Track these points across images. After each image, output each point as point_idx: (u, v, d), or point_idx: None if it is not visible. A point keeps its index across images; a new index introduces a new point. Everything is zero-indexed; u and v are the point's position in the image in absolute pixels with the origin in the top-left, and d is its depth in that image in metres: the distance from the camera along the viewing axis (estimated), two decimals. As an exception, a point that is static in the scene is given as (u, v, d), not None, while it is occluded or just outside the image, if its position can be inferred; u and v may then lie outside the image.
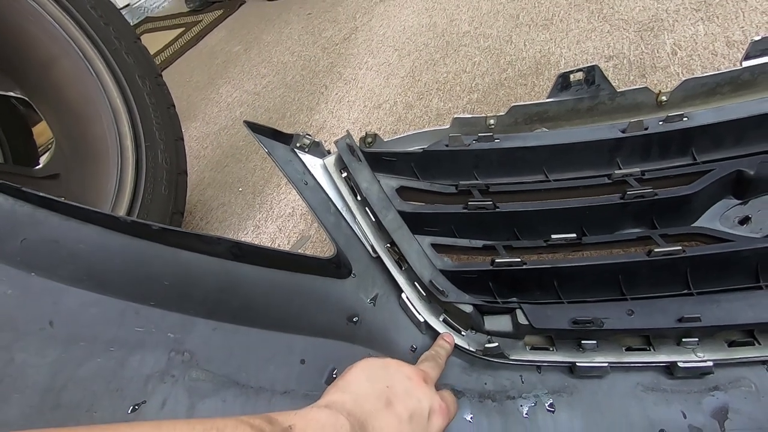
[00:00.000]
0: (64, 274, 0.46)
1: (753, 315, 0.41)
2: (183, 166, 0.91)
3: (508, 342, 0.48)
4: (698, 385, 0.43)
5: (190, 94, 1.76)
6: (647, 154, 0.55)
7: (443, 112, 1.10)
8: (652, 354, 0.44)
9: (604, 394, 0.45)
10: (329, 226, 0.54)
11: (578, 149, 0.54)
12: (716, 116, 0.52)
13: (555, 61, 1.06)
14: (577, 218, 0.53)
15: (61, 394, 0.43)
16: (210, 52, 2.02)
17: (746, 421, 0.41)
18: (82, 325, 0.46)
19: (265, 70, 1.66)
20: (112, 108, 0.83)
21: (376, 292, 0.53)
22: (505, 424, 0.45)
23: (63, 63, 0.84)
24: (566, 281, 0.49)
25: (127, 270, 0.48)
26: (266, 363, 0.48)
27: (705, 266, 0.46)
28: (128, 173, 0.80)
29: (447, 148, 0.55)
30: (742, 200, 0.52)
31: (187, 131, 1.53)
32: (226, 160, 1.33)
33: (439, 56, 1.27)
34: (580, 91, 0.57)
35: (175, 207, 0.85)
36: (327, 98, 1.35)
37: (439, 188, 0.57)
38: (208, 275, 0.49)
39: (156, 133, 0.86)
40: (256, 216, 1.08)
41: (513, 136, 0.56)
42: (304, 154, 0.56)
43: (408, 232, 0.51)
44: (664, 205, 0.51)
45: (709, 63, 0.89)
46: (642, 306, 0.45)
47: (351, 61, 1.45)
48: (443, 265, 0.50)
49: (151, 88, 0.88)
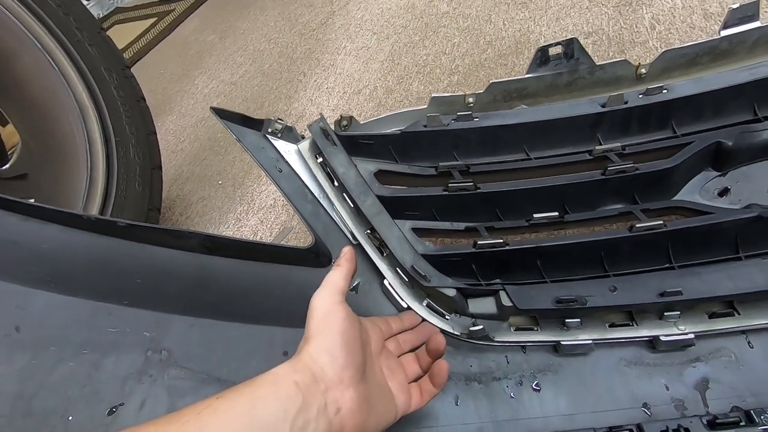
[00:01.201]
0: (28, 277, 0.44)
1: (733, 286, 0.42)
2: (157, 161, 0.88)
3: (493, 324, 0.47)
4: (680, 358, 0.44)
5: (165, 86, 1.71)
6: (628, 129, 0.54)
7: (424, 95, 1.08)
8: (634, 329, 0.44)
9: (589, 371, 0.45)
10: (306, 215, 0.52)
11: (558, 125, 0.53)
12: (695, 87, 0.51)
13: (534, 39, 1.05)
14: (558, 196, 0.52)
15: (33, 401, 0.42)
16: (184, 42, 1.96)
17: (727, 390, 0.41)
18: (50, 329, 0.44)
19: (241, 59, 1.62)
20: (78, 103, 0.79)
21: (357, 280, 0.52)
22: (492, 405, 0.45)
23: (23, 58, 0.80)
24: (549, 260, 0.49)
25: (95, 269, 0.46)
26: (247, 357, 0.47)
27: (686, 239, 0.46)
28: (99, 170, 0.77)
29: (425, 128, 0.54)
30: (721, 172, 0.52)
31: (163, 125, 1.49)
32: (205, 153, 1.29)
33: (418, 38, 1.25)
34: (559, 66, 0.56)
35: (151, 203, 0.83)
36: (306, 85, 1.32)
37: (419, 170, 0.56)
38: (182, 270, 0.48)
39: (126, 127, 0.83)
40: (237, 209, 1.06)
41: (492, 114, 0.54)
42: (277, 140, 0.54)
43: (388, 218, 0.49)
44: (644, 180, 0.50)
45: (687, 36, 0.88)
46: (624, 282, 0.44)
47: (329, 46, 1.42)
48: (425, 250, 0.49)
49: (119, 81, 0.84)
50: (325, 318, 0.36)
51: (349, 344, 0.35)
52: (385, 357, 0.42)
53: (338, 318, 0.35)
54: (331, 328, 0.35)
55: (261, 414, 0.30)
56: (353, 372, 0.34)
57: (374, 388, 0.37)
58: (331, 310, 0.36)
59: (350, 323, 0.36)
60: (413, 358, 0.44)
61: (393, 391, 0.40)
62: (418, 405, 0.41)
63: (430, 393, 0.41)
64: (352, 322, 0.36)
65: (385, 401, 0.38)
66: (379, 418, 0.36)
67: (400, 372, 0.42)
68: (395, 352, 0.44)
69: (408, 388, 0.41)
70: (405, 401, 0.40)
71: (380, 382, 0.39)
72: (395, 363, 0.42)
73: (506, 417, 0.44)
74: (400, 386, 0.40)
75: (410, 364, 0.43)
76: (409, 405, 0.40)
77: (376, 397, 0.37)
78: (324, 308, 0.36)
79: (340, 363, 0.34)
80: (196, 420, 0.28)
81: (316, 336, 0.35)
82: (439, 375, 0.41)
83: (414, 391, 0.41)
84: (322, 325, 0.35)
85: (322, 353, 0.34)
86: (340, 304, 0.36)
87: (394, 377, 0.41)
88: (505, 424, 0.43)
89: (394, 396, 0.39)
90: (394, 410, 0.39)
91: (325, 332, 0.35)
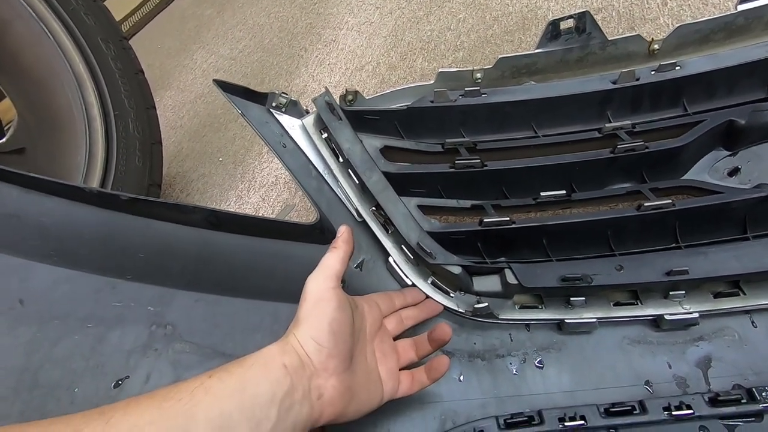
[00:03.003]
0: (30, 250, 0.44)
1: (739, 266, 0.41)
2: (157, 136, 0.87)
3: (497, 302, 0.47)
4: (683, 337, 0.44)
5: (163, 61, 1.67)
6: (638, 106, 0.53)
7: (428, 72, 1.06)
8: (639, 308, 0.44)
9: (592, 349, 0.45)
10: (311, 191, 0.52)
11: (568, 102, 0.52)
12: (709, 64, 0.50)
13: (542, 15, 1.02)
14: (566, 174, 0.51)
15: (38, 374, 0.42)
16: (181, 15, 1.91)
17: (729, 368, 0.42)
18: (54, 303, 0.44)
19: (240, 34, 1.58)
20: (74, 74, 0.77)
21: (362, 257, 0.51)
22: (495, 381, 0.45)
23: (16, 26, 0.78)
24: (555, 239, 0.49)
25: (98, 243, 0.45)
26: (252, 332, 0.47)
27: (694, 219, 0.46)
28: (98, 145, 0.76)
29: (432, 104, 0.53)
30: (731, 151, 0.51)
31: (161, 100, 1.46)
32: (204, 130, 1.27)
33: (422, 13, 1.21)
34: (570, 41, 0.54)
35: (151, 179, 0.82)
36: (307, 61, 1.29)
37: (425, 147, 0.55)
38: (186, 245, 0.47)
39: (125, 101, 0.81)
40: (238, 186, 1.05)
41: (500, 90, 0.53)
42: (281, 115, 0.53)
43: (393, 194, 0.49)
44: (654, 159, 0.49)
45: (700, 13, 0.86)
46: (630, 261, 0.44)
47: (330, 21, 1.38)
48: (430, 227, 0.49)
49: (116, 53, 0.82)
50: (316, 304, 0.36)
51: (338, 334, 0.35)
52: (380, 340, 0.42)
53: (330, 306, 0.35)
54: (320, 316, 0.35)
55: (251, 395, 0.30)
56: (338, 362, 0.35)
57: (360, 375, 0.37)
58: (323, 296, 0.36)
59: (341, 312, 0.36)
60: (411, 344, 0.43)
61: (382, 375, 0.40)
62: (405, 393, 0.41)
63: (420, 384, 0.41)
64: (343, 310, 0.36)
65: (371, 387, 0.38)
66: (360, 405, 0.37)
67: (393, 357, 0.41)
68: (396, 329, 0.44)
69: (398, 374, 0.41)
70: (392, 387, 0.40)
71: (369, 368, 0.39)
72: (389, 347, 0.42)
73: (509, 393, 0.44)
74: (390, 372, 0.40)
75: (406, 351, 0.43)
76: (396, 391, 0.40)
77: (361, 384, 0.37)
78: (317, 293, 0.36)
79: (326, 353, 0.34)
80: (189, 398, 0.29)
81: (306, 321, 0.35)
82: (437, 370, 0.41)
83: (405, 378, 0.41)
84: (313, 310, 0.35)
85: (309, 340, 0.34)
86: (333, 290, 0.36)
87: (385, 362, 0.41)
88: (507, 400, 0.44)
89: (382, 381, 0.39)
90: (379, 396, 0.39)
91: (315, 319, 0.35)
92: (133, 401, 0.29)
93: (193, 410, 0.28)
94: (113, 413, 0.28)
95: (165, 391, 0.30)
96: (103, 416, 0.27)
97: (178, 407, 0.28)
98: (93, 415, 0.27)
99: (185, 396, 0.29)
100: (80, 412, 0.28)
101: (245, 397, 0.30)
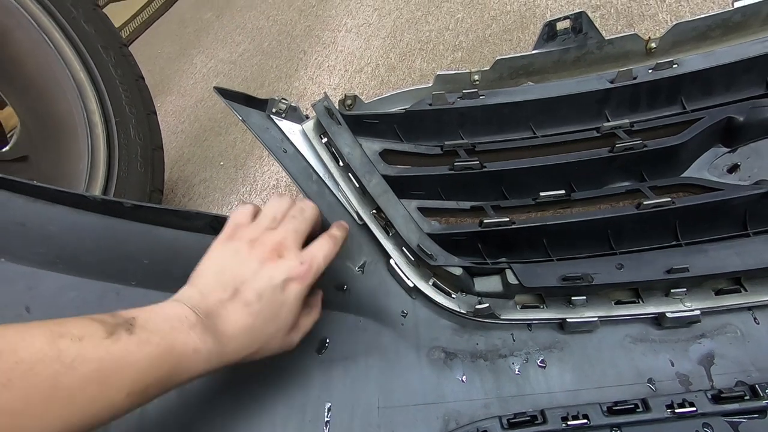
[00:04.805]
0: (36, 258, 0.44)
1: (740, 262, 0.41)
2: (158, 141, 0.87)
3: (499, 302, 0.48)
4: (685, 334, 0.44)
5: (163, 66, 1.68)
6: (636, 105, 0.53)
7: (427, 72, 1.06)
8: (640, 306, 0.44)
9: (594, 348, 0.45)
10: (312, 195, 0.52)
11: (566, 102, 0.53)
12: (706, 61, 0.50)
13: (540, 13, 1.02)
14: (565, 174, 0.52)
15: (46, 380, 0.42)
16: (180, 20, 1.92)
17: (732, 365, 0.42)
18: (60, 309, 0.44)
19: (239, 38, 1.58)
20: (75, 82, 0.78)
21: (363, 260, 0.52)
22: (498, 382, 0.45)
23: (17, 35, 0.78)
24: (555, 238, 0.49)
25: (103, 250, 0.46)
26: (256, 336, 0.48)
27: (694, 216, 0.46)
28: (100, 151, 0.77)
29: (430, 107, 0.53)
30: (730, 148, 0.51)
31: (162, 106, 1.47)
32: (205, 134, 1.28)
33: (420, 14, 1.22)
34: (567, 41, 0.55)
35: (153, 184, 0.82)
36: (306, 64, 1.30)
37: (424, 150, 0.55)
38: (189, 251, 0.47)
39: (126, 107, 0.82)
40: (239, 190, 1.06)
41: (498, 92, 0.53)
42: (281, 120, 0.53)
43: (393, 197, 0.49)
44: (653, 157, 0.50)
45: (699, 9, 0.86)
46: (631, 259, 0.44)
47: (329, 23, 1.39)
48: (431, 229, 0.49)
49: (116, 59, 0.83)
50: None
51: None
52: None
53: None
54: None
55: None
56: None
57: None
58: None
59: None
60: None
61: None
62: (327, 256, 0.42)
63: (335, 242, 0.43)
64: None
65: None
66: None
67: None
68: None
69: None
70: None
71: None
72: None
73: (512, 393, 0.45)
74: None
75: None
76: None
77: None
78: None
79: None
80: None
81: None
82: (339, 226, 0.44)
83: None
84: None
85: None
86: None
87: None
88: (510, 400, 0.44)
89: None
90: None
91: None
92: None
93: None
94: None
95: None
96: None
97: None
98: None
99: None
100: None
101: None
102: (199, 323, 0.33)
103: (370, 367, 0.46)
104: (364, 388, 0.44)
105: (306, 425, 0.43)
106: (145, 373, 0.29)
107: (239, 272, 0.37)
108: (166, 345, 0.30)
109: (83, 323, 0.29)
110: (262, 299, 0.36)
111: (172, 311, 0.33)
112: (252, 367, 0.45)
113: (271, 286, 0.36)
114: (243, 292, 0.36)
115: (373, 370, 0.45)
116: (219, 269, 0.38)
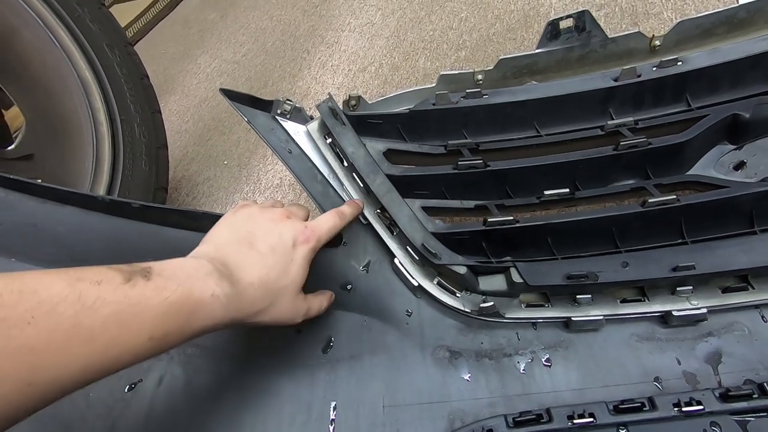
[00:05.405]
0: (46, 258, 0.45)
1: (747, 260, 0.41)
2: (163, 140, 0.88)
3: (504, 301, 0.48)
4: (692, 332, 0.44)
5: (167, 66, 1.69)
6: (641, 103, 0.53)
7: (431, 71, 1.06)
8: (646, 304, 0.44)
9: (600, 347, 0.45)
10: (317, 195, 0.52)
11: (570, 101, 0.52)
12: (711, 59, 0.50)
13: (545, 12, 1.02)
14: (569, 173, 0.52)
15: (53, 378, 0.43)
16: (184, 21, 1.92)
17: (739, 364, 0.41)
18: (68, 308, 0.45)
19: (243, 38, 1.59)
20: (81, 81, 0.78)
21: (368, 259, 0.52)
22: (503, 380, 0.45)
23: (24, 34, 0.79)
24: (560, 237, 0.49)
25: (111, 250, 0.46)
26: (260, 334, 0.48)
27: (699, 214, 0.46)
28: (105, 149, 0.77)
29: (434, 107, 0.53)
30: (737, 145, 0.51)
31: (166, 105, 1.48)
32: (209, 134, 1.29)
33: (424, 13, 1.21)
34: (571, 40, 0.54)
35: (158, 183, 0.83)
36: (310, 63, 1.30)
37: (428, 149, 0.55)
38: (195, 251, 0.48)
39: (131, 106, 0.82)
40: (243, 189, 1.06)
41: (502, 91, 0.53)
42: (286, 121, 0.54)
43: (398, 196, 0.49)
44: (658, 155, 0.49)
45: (704, 7, 0.85)
46: (636, 257, 0.44)
47: (332, 23, 1.39)
48: (435, 228, 0.49)
49: (121, 58, 0.83)
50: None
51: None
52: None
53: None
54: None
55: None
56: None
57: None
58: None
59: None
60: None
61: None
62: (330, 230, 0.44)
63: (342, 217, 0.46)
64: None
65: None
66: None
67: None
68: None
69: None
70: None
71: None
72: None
73: (517, 392, 0.44)
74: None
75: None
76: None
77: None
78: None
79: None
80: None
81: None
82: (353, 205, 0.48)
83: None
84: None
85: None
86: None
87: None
88: (516, 399, 0.44)
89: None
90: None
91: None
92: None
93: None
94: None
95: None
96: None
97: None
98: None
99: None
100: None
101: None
102: (215, 271, 0.34)
103: (375, 365, 0.46)
104: (369, 386, 0.45)
105: (312, 423, 0.43)
106: (163, 317, 0.29)
107: (252, 228, 0.39)
108: (183, 291, 0.31)
109: (100, 270, 0.29)
110: (275, 253, 0.38)
111: (188, 262, 0.34)
112: (259, 365, 0.45)
113: (282, 242, 0.39)
114: (257, 245, 0.38)
115: (378, 368, 0.46)
116: (233, 227, 0.40)
